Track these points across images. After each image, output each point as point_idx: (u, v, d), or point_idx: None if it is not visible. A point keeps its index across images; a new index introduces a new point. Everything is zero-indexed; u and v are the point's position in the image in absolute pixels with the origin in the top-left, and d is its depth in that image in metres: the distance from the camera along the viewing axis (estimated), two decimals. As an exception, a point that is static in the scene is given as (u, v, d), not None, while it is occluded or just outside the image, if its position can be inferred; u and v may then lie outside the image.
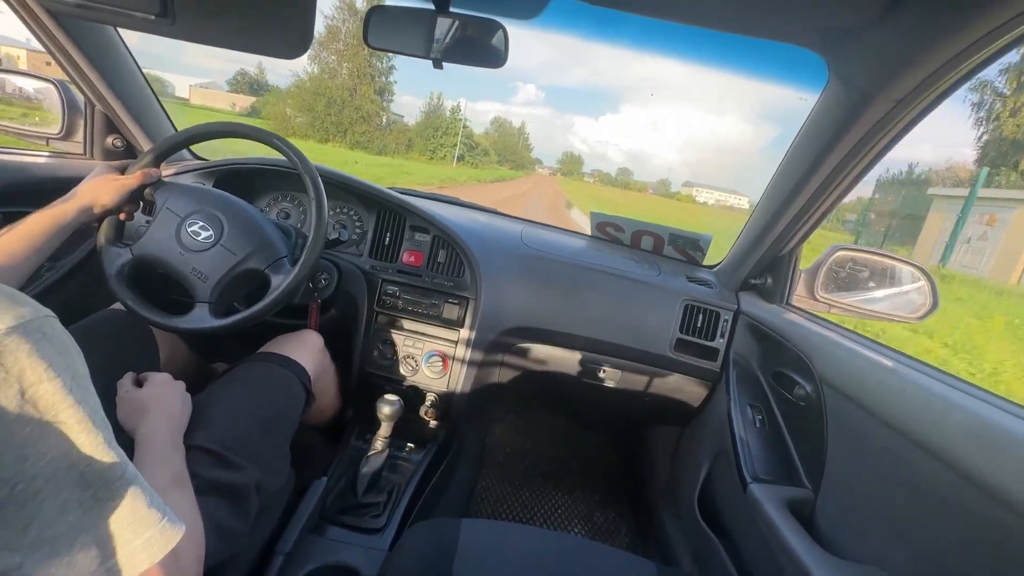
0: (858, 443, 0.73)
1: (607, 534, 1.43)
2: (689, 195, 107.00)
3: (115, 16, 0.54)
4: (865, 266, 1.08)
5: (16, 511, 0.33)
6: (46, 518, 0.34)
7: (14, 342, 0.34)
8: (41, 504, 0.34)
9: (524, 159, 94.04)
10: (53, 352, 0.36)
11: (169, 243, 0.86)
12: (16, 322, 0.34)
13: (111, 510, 0.37)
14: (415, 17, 0.78)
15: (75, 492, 0.36)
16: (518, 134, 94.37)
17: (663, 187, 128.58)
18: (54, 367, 0.35)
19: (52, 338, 0.37)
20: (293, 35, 0.57)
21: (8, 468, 0.33)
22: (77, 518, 0.36)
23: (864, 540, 0.69)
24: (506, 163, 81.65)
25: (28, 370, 0.34)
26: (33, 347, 0.35)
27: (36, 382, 0.34)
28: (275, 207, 1.22)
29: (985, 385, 0.63)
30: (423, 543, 0.70)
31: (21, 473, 0.33)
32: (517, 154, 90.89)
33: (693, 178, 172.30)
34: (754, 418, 1.00)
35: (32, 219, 0.74)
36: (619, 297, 1.18)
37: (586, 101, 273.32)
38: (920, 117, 0.76)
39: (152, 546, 0.39)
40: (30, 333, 0.35)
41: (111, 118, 1.18)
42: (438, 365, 1.13)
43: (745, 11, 0.73)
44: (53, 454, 0.35)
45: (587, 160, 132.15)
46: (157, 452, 0.61)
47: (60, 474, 0.35)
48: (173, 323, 0.85)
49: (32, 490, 0.34)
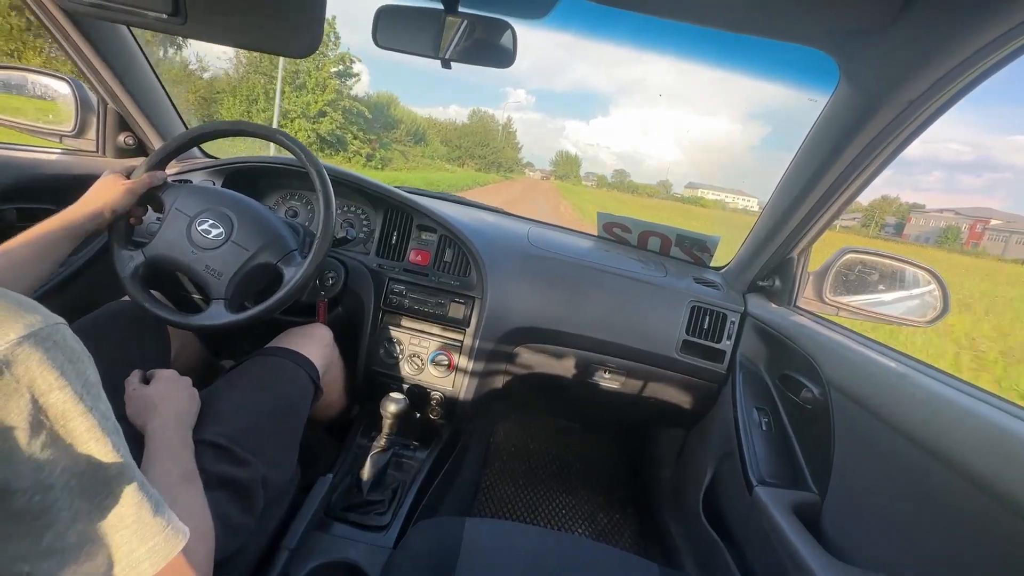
0: (866, 447, 0.72)
1: (611, 535, 1.43)
2: (721, 201, 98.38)
3: (128, 15, 0.55)
4: (875, 269, 1.07)
5: (32, 522, 0.33)
6: (59, 529, 0.34)
7: (25, 352, 0.33)
8: (57, 515, 0.34)
9: (507, 159, 74.05)
10: (64, 360, 0.36)
11: (181, 242, 0.87)
12: (27, 331, 0.34)
13: (117, 519, 0.37)
14: (424, 17, 0.78)
15: (85, 502, 0.36)
16: (502, 130, 76.28)
17: (664, 189, 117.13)
18: (65, 376, 0.35)
19: (63, 346, 0.37)
20: (303, 34, 0.58)
21: (25, 479, 0.33)
22: (85, 527, 0.36)
23: (871, 546, 0.68)
24: (472, 160, 64.34)
25: (39, 379, 0.34)
26: (44, 356, 0.34)
27: (47, 391, 0.34)
28: (283, 205, 1.23)
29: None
30: (427, 541, 0.71)
31: (38, 484, 0.33)
32: (498, 152, 71.36)
33: (697, 179, 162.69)
34: (760, 421, 0.99)
35: (42, 227, 0.73)
36: (625, 298, 1.17)
37: (580, 104, 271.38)
38: (932, 120, 0.75)
39: (156, 553, 0.39)
40: (41, 342, 0.35)
41: (123, 116, 1.19)
42: (443, 364, 1.13)
43: (756, 12, 0.72)
44: (65, 464, 0.35)
45: (583, 163, 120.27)
46: (167, 449, 0.62)
47: (72, 483, 0.35)
48: (190, 321, 0.86)
49: (49, 501, 0.34)
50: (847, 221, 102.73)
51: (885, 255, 1.06)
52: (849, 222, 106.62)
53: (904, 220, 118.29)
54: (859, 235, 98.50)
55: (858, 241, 6.10)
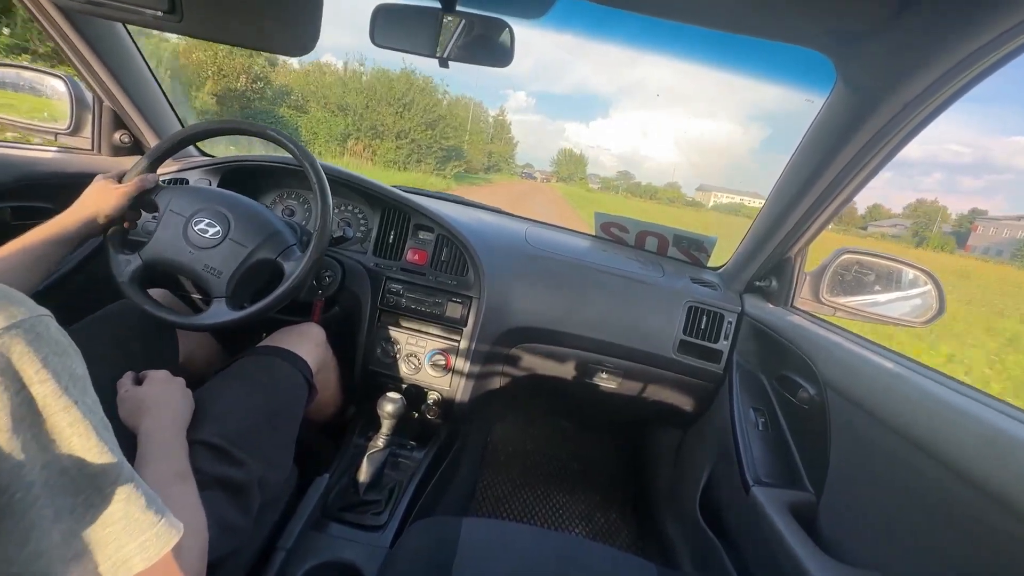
0: (862, 447, 0.73)
1: (608, 535, 1.43)
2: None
3: (124, 13, 0.54)
4: (871, 269, 1.07)
5: (15, 523, 0.32)
6: (42, 528, 0.33)
7: (6, 343, 0.33)
8: (39, 513, 0.33)
9: (502, 155, 54.60)
10: (48, 352, 0.35)
11: (178, 243, 0.86)
12: (9, 322, 0.34)
13: (104, 515, 0.37)
14: (421, 16, 0.78)
15: (68, 499, 0.35)
16: (495, 123, 56.72)
17: (672, 191, 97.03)
18: (48, 368, 0.35)
19: (46, 338, 0.36)
20: (301, 32, 0.58)
21: (5, 476, 0.32)
22: (69, 525, 0.35)
23: (867, 545, 0.68)
24: (430, 155, 27.86)
25: (21, 371, 0.33)
26: (26, 347, 0.34)
27: (28, 384, 0.34)
28: (280, 204, 1.22)
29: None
30: (424, 541, 0.71)
31: (19, 480, 0.32)
32: (457, 133, 40.40)
33: (707, 181, 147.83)
34: (757, 421, 1.00)
35: (33, 234, 0.72)
36: (623, 298, 1.17)
37: (580, 106, 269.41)
38: (928, 120, 0.75)
39: (147, 549, 0.38)
40: (24, 333, 0.34)
41: (119, 114, 1.19)
42: (441, 364, 1.13)
43: (752, 13, 0.72)
44: (46, 459, 0.34)
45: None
46: (160, 449, 0.62)
47: (53, 480, 0.34)
48: (193, 321, 0.85)
49: (30, 499, 0.33)
50: (887, 229, 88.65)
51: (882, 256, 1.07)
52: (889, 229, 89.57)
53: (962, 228, 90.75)
54: (906, 246, 71.82)
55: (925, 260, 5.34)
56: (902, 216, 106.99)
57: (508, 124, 60.55)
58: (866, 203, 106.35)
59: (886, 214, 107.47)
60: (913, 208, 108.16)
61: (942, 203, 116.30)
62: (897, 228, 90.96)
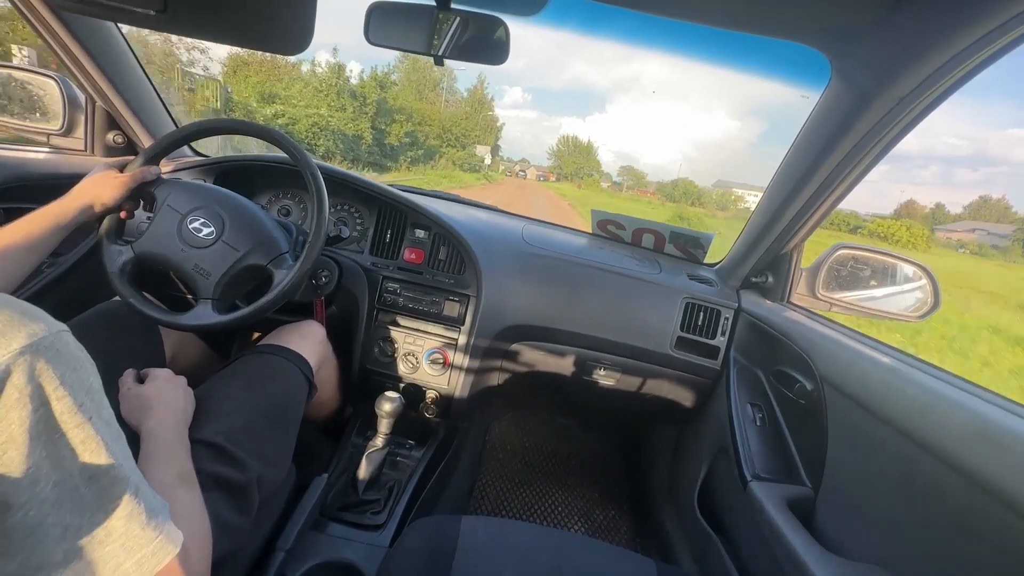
0: (858, 441, 0.73)
1: (607, 531, 1.43)
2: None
3: (115, 12, 0.54)
4: (866, 264, 1.08)
5: (24, 539, 0.32)
6: (48, 546, 0.33)
7: (27, 361, 0.33)
8: (48, 531, 0.33)
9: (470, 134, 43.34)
10: (66, 369, 0.36)
11: (171, 240, 0.86)
12: (29, 340, 0.34)
13: (105, 533, 0.37)
14: (416, 13, 0.77)
15: (75, 517, 0.35)
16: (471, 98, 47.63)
17: (684, 187, 70.08)
18: (65, 385, 0.35)
19: (65, 354, 0.36)
20: (293, 30, 0.57)
21: (22, 493, 0.32)
22: (72, 544, 0.35)
23: (864, 538, 0.69)
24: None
25: (40, 390, 0.33)
26: (45, 365, 0.34)
27: (47, 402, 0.34)
28: (276, 204, 1.22)
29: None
30: (423, 540, 0.71)
31: (34, 498, 0.33)
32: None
33: (725, 176, 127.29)
34: (754, 416, 1.00)
35: (31, 217, 0.73)
36: (620, 295, 1.18)
37: (576, 102, 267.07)
38: (923, 115, 0.76)
39: (143, 565, 0.38)
40: (43, 351, 0.34)
41: (112, 114, 1.18)
42: (438, 363, 1.13)
43: (747, 9, 0.72)
44: (58, 477, 0.34)
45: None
46: (163, 448, 0.61)
47: (64, 498, 0.34)
48: (176, 320, 0.85)
49: (40, 515, 0.33)
50: (963, 235, 64.80)
51: (877, 251, 1.07)
52: (965, 235, 64.99)
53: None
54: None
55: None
56: (966, 216, 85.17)
57: (489, 101, 49.99)
58: (928, 203, 78.38)
59: (951, 217, 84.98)
60: (977, 207, 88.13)
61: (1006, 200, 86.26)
62: (977, 233, 66.30)
